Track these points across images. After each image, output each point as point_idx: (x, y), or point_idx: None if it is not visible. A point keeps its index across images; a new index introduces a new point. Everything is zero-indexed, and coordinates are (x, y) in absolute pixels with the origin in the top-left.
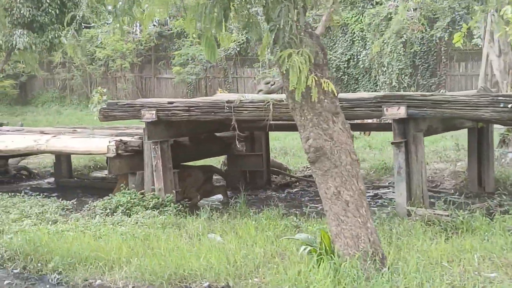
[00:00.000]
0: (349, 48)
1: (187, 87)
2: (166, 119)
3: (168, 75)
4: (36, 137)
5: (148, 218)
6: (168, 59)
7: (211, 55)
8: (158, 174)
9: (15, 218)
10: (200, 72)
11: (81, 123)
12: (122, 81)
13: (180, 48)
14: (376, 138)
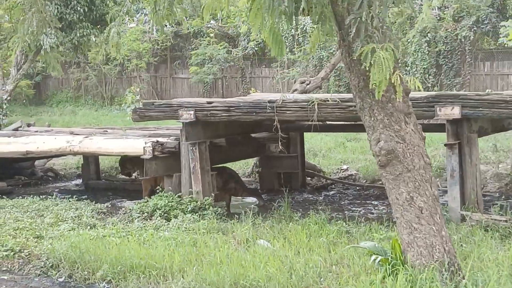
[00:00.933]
0: None
1: (204, 87)
2: (204, 119)
3: (184, 75)
4: (68, 137)
5: (189, 222)
6: (184, 59)
7: (278, 51)
8: (196, 177)
9: (51, 222)
10: (218, 72)
11: (98, 123)
12: (137, 81)
13: (197, 48)
14: None
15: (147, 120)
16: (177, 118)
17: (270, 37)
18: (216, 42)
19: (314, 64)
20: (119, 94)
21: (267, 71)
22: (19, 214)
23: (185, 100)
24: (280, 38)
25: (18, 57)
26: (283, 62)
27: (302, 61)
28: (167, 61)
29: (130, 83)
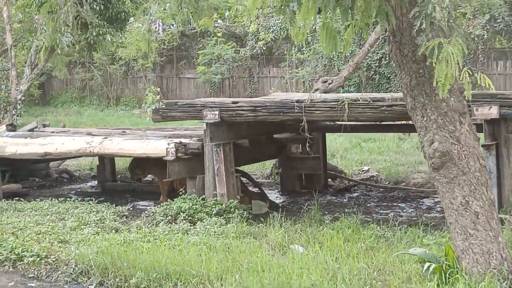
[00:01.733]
0: (380, 47)
1: (211, 87)
2: (229, 120)
3: (191, 75)
4: (88, 138)
5: (216, 226)
6: (191, 59)
7: (332, 47)
8: (221, 179)
9: (73, 226)
10: (226, 72)
11: (104, 123)
12: (143, 81)
13: (204, 48)
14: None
15: (169, 120)
16: (200, 119)
17: (324, 33)
18: (224, 42)
19: (324, 64)
20: (124, 95)
21: (275, 71)
22: (40, 217)
23: (209, 100)
24: (335, 33)
25: (32, 56)
26: (291, 61)
27: (311, 61)
28: (173, 61)
29: (136, 83)
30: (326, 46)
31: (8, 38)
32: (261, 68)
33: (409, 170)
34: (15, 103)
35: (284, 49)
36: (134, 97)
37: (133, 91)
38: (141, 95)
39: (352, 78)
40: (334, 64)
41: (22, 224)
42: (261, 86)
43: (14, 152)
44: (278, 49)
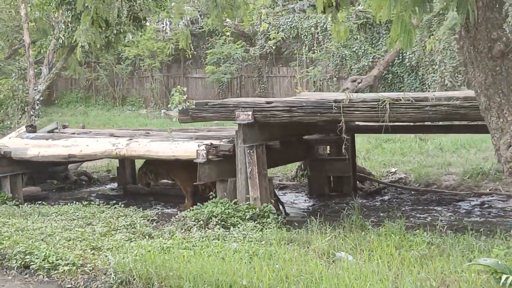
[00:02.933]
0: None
1: (219, 87)
2: (263, 120)
3: (198, 74)
4: (113, 140)
5: (253, 232)
6: (198, 58)
7: (407, 42)
8: (254, 182)
9: (103, 231)
10: (235, 71)
11: (113, 123)
12: (149, 81)
13: (213, 47)
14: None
15: (200, 121)
16: (232, 119)
17: (398, 26)
18: (233, 41)
19: (336, 63)
20: (130, 95)
21: (285, 70)
22: (66, 222)
23: (243, 100)
24: (410, 27)
25: (50, 55)
26: (301, 61)
27: (323, 60)
28: (180, 61)
29: (142, 83)
30: (400, 40)
31: (26, 37)
32: (270, 68)
33: (439, 172)
34: (33, 103)
35: (294, 48)
36: (140, 97)
37: (139, 91)
38: (147, 95)
39: None
40: (345, 64)
41: (50, 229)
42: (270, 86)
43: (37, 154)
44: (288, 48)
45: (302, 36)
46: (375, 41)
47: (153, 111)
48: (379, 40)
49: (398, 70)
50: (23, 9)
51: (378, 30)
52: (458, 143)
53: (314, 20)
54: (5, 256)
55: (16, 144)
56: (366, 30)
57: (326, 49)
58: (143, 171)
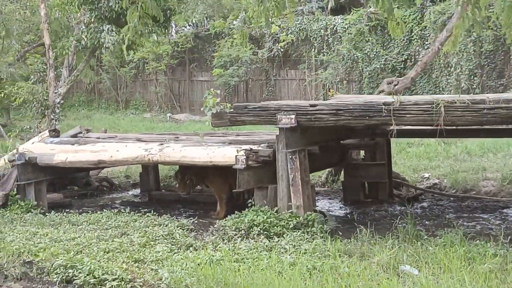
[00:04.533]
0: (406, 48)
1: (226, 90)
2: (307, 124)
3: (204, 77)
4: (146, 145)
5: (302, 242)
6: (204, 61)
7: None
8: (296, 189)
9: (142, 242)
10: (243, 74)
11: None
12: (153, 84)
13: (220, 49)
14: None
15: (238, 125)
16: (273, 123)
17: None
18: (241, 44)
19: (347, 66)
20: (134, 98)
21: (293, 73)
22: (100, 232)
23: (284, 103)
24: None
25: (70, 57)
26: (310, 63)
27: (335, 63)
28: (186, 64)
29: (146, 86)
30: None
31: (46, 38)
32: (278, 71)
33: (475, 177)
34: (53, 106)
35: (303, 50)
36: (144, 100)
37: (143, 94)
38: (151, 98)
39: (376, 80)
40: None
41: (84, 240)
42: (278, 89)
43: (64, 160)
44: (296, 50)
45: (311, 39)
46: (386, 43)
47: (158, 114)
48: (391, 42)
49: None
50: (42, 9)
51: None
52: (484, 147)
53: (324, 22)
54: (43, 270)
55: (41, 150)
56: (377, 32)
57: (337, 52)
58: (180, 177)
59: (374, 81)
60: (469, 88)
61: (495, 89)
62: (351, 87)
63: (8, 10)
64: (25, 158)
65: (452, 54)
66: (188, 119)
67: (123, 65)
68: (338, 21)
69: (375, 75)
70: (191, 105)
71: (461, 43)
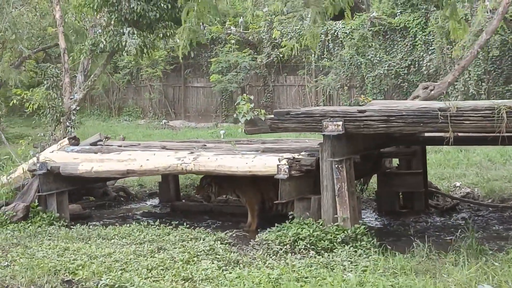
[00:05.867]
0: (409, 53)
1: (222, 96)
2: (354, 131)
3: (199, 83)
4: (177, 154)
5: (356, 257)
6: (199, 67)
7: None
8: (343, 200)
9: (184, 258)
10: (242, 80)
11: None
12: (147, 90)
13: (216, 55)
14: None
15: (279, 132)
16: (318, 130)
17: None
18: (238, 49)
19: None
20: (127, 104)
21: (292, 79)
22: (136, 247)
23: (330, 109)
24: None
25: (85, 61)
26: (310, 69)
27: (337, 68)
28: (180, 70)
29: (139, 92)
30: None
31: (61, 41)
32: (277, 77)
33: (510, 185)
34: (68, 113)
35: (302, 56)
36: (138, 106)
37: (137, 101)
38: (145, 104)
39: (379, 86)
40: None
41: (122, 256)
42: (277, 95)
43: (89, 170)
44: (295, 56)
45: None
46: (389, 48)
47: (152, 121)
48: (393, 47)
49: (414, 78)
50: (58, 11)
51: (393, 37)
52: (506, 154)
53: (325, 27)
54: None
55: (63, 159)
56: (380, 38)
57: (340, 57)
58: (207, 182)
59: (377, 87)
60: (475, 94)
61: (502, 95)
62: (352, 93)
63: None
64: (47, 168)
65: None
66: (184, 126)
67: (116, 71)
68: (339, 26)
69: (378, 81)
70: (186, 111)
71: (469, 48)
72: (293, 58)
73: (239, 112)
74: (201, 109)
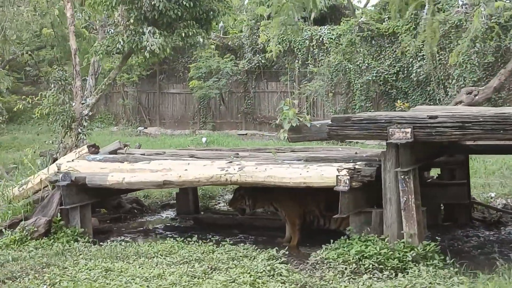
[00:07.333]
0: (398, 60)
1: (200, 103)
2: (424, 139)
3: (175, 89)
4: (217, 164)
5: (438, 279)
6: (176, 73)
7: None
8: (409, 214)
9: (247, 280)
10: (223, 86)
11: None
12: (120, 96)
13: (194, 61)
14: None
15: (340, 139)
16: (383, 138)
17: None
18: (218, 54)
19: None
20: (99, 111)
21: (274, 85)
22: (188, 267)
23: (397, 114)
24: None
25: (96, 64)
26: (293, 75)
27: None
28: (156, 75)
29: (112, 98)
30: None
31: (72, 42)
32: (258, 83)
33: None
34: (80, 119)
35: (285, 62)
36: (110, 113)
37: (109, 107)
38: (118, 111)
39: (367, 93)
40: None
41: (174, 277)
42: (258, 102)
43: (120, 181)
44: (277, 62)
45: (295, 50)
46: (376, 54)
47: (125, 128)
48: (381, 53)
49: (402, 85)
50: (69, 10)
51: (381, 43)
52: None
53: (309, 33)
54: None
55: (87, 168)
56: (367, 43)
57: (328, 63)
58: (240, 194)
59: (364, 93)
60: None
61: (494, 103)
62: (337, 100)
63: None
64: (70, 178)
65: (454, 66)
66: (160, 133)
67: None
68: (325, 31)
69: (366, 87)
70: (162, 118)
71: (464, 54)
72: (275, 64)
73: (284, 118)
74: (177, 116)
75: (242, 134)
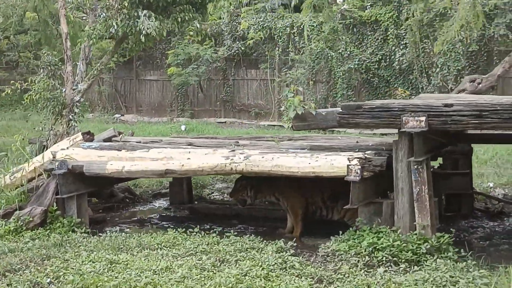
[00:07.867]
0: (380, 48)
1: (178, 90)
2: (440, 128)
3: (153, 76)
4: (220, 152)
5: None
6: (153, 59)
7: None
8: (422, 205)
9: (259, 274)
10: (203, 73)
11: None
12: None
13: (176, 47)
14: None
15: (351, 127)
16: (396, 127)
17: None
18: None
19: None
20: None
21: (254, 73)
22: (196, 260)
23: (411, 102)
24: None
25: (86, 48)
26: (273, 63)
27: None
28: (132, 62)
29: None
30: None
31: (62, 25)
32: (237, 70)
33: None
34: (71, 105)
35: (265, 49)
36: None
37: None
38: (93, 98)
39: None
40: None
41: (183, 270)
42: (237, 89)
43: (120, 170)
44: (257, 49)
45: (276, 37)
46: (357, 42)
47: (101, 115)
48: (363, 41)
49: (384, 73)
50: None
51: (363, 31)
52: None
53: (290, 20)
54: None
55: (84, 157)
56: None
57: (310, 51)
58: (242, 184)
59: (346, 81)
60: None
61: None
62: (318, 88)
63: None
64: (67, 167)
65: (438, 54)
66: (137, 121)
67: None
68: (305, 19)
69: (348, 75)
70: (139, 105)
71: (449, 43)
72: (255, 52)
73: (289, 105)
74: (154, 103)
75: (221, 122)
